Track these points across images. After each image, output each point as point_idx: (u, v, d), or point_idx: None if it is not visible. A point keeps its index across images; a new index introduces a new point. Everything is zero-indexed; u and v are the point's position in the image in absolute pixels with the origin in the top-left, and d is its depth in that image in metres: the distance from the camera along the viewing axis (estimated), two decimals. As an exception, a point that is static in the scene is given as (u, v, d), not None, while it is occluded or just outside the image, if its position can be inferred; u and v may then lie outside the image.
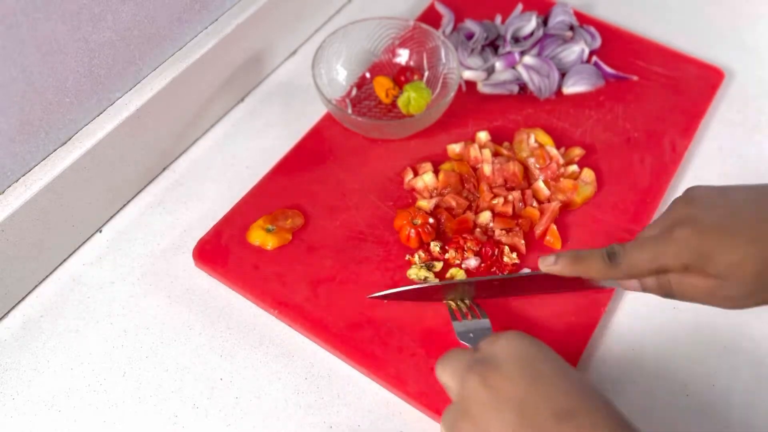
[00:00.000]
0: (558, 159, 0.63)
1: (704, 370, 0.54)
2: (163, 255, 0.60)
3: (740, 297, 0.44)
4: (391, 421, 0.52)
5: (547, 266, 0.49)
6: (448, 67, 0.67)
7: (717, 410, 0.52)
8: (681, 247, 0.44)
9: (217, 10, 0.65)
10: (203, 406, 0.52)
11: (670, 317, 0.56)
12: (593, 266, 0.47)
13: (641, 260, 0.45)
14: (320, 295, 0.56)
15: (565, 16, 0.73)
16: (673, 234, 0.44)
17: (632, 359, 0.54)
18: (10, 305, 0.57)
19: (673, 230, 0.44)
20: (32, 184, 0.54)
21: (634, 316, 0.56)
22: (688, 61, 0.72)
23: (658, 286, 0.46)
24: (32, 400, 0.52)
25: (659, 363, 0.54)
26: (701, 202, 0.45)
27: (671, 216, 0.46)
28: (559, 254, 0.49)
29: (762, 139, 0.68)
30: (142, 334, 0.56)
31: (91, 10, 0.53)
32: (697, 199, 0.46)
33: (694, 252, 0.43)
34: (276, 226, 0.59)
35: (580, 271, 0.48)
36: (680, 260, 0.44)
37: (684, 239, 0.44)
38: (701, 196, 0.46)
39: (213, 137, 0.68)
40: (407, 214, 0.58)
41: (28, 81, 0.51)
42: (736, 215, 0.44)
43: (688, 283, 0.45)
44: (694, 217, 0.44)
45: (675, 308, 0.56)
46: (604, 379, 0.53)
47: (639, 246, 0.46)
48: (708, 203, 0.45)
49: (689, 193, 0.47)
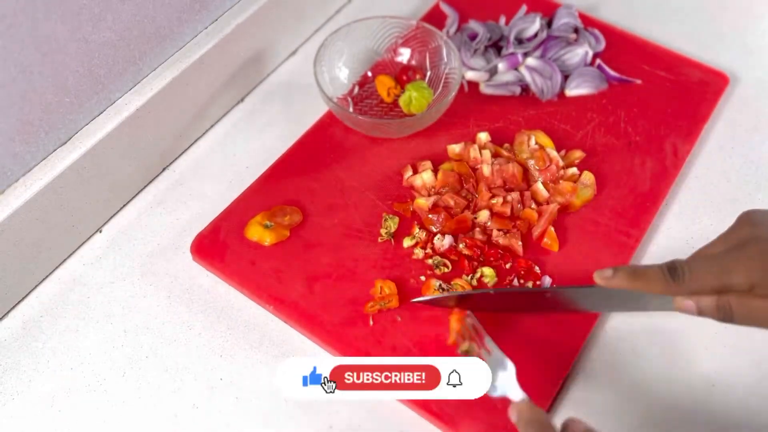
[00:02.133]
0: (558, 161, 0.63)
1: (704, 370, 0.54)
2: (163, 255, 0.60)
3: None
4: (391, 421, 0.52)
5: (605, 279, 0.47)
6: (450, 67, 0.67)
7: (717, 410, 0.52)
8: (751, 265, 0.43)
9: (217, 10, 0.65)
10: (203, 406, 0.52)
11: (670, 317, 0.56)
12: (653, 281, 0.46)
13: (706, 276, 0.44)
14: (316, 292, 0.56)
15: (569, 18, 0.73)
16: (742, 251, 0.44)
17: (632, 359, 0.54)
18: (10, 305, 0.57)
19: (741, 248, 0.44)
20: (32, 184, 0.54)
21: (633, 316, 0.56)
22: (693, 65, 0.72)
23: (717, 308, 0.45)
24: (32, 400, 0.52)
25: (659, 363, 0.54)
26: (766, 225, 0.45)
27: (735, 236, 0.45)
28: (617, 268, 0.47)
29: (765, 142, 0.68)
30: (142, 334, 0.56)
31: (91, 10, 0.52)
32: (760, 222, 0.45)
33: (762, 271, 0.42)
34: (274, 223, 0.59)
35: (639, 285, 0.46)
36: (749, 279, 0.43)
37: (754, 257, 0.43)
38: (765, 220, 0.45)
39: (213, 137, 0.68)
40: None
41: (28, 81, 0.51)
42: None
43: (751, 305, 0.44)
44: (761, 237, 0.44)
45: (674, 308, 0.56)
46: (602, 379, 0.54)
47: (704, 262, 0.45)
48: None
49: (751, 217, 0.46)
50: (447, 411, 0.51)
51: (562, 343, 0.54)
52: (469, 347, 0.50)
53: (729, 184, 0.65)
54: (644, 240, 0.60)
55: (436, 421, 0.51)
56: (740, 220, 0.46)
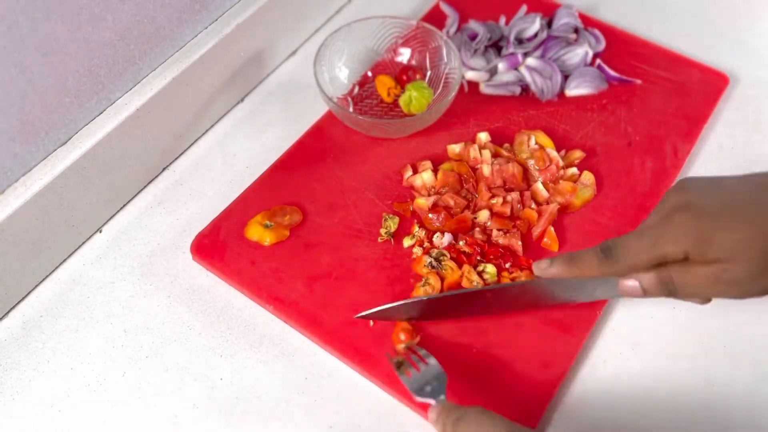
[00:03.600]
0: (558, 161, 0.63)
1: (704, 370, 0.54)
2: (163, 255, 0.60)
3: (746, 280, 0.42)
4: (391, 421, 0.52)
5: (542, 270, 0.48)
6: (450, 67, 0.67)
7: (717, 410, 0.52)
8: (680, 233, 0.43)
9: (217, 10, 0.65)
10: (203, 406, 0.52)
11: (670, 317, 0.56)
12: (588, 264, 0.46)
13: (639, 250, 0.44)
14: (316, 292, 0.56)
15: (569, 18, 0.73)
16: (670, 220, 0.43)
17: (632, 359, 0.54)
18: (10, 305, 0.57)
19: (670, 217, 0.43)
20: (32, 184, 0.54)
21: (632, 316, 0.56)
22: (693, 65, 0.72)
23: (659, 283, 0.45)
24: (32, 400, 0.52)
25: (659, 363, 0.54)
26: (696, 190, 0.44)
27: (665, 206, 0.45)
28: (554, 257, 0.48)
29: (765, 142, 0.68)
30: (142, 334, 0.56)
31: (91, 10, 0.52)
32: (691, 188, 0.45)
33: (694, 237, 0.42)
34: (274, 222, 0.59)
35: (576, 271, 0.47)
36: (680, 246, 0.42)
37: (682, 224, 0.43)
38: (695, 185, 0.45)
39: (213, 137, 0.68)
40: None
41: (28, 81, 0.51)
42: (732, 198, 0.43)
43: (690, 273, 0.43)
44: (690, 202, 0.43)
45: (674, 308, 0.56)
46: (603, 379, 0.54)
47: (635, 236, 0.45)
48: (702, 190, 0.44)
49: (682, 184, 0.46)
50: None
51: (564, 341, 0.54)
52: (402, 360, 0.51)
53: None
54: (644, 240, 0.60)
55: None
56: (672, 188, 0.46)
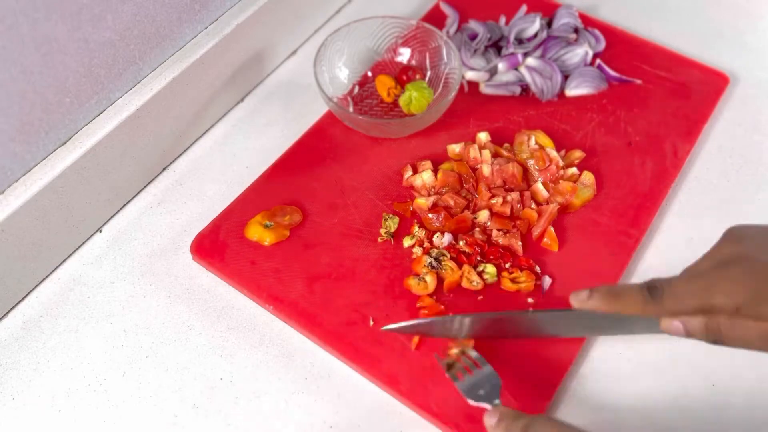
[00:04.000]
0: (558, 161, 0.63)
1: (704, 370, 0.54)
2: (164, 255, 0.60)
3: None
4: (391, 421, 0.52)
5: (580, 302, 0.45)
6: (450, 67, 0.67)
7: (717, 410, 0.52)
8: (734, 286, 0.41)
9: (217, 10, 0.65)
10: (203, 406, 0.52)
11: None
12: (632, 302, 0.44)
13: (687, 295, 0.42)
14: (316, 292, 0.56)
15: (569, 18, 0.73)
16: (725, 271, 0.42)
17: (632, 360, 0.54)
18: (10, 305, 0.57)
19: (725, 267, 0.42)
20: (32, 184, 0.54)
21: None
22: (693, 65, 0.72)
23: (706, 329, 0.43)
24: (32, 400, 0.52)
25: (659, 363, 0.54)
26: (752, 242, 0.43)
27: (720, 253, 0.43)
28: (593, 289, 0.45)
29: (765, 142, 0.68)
30: (142, 334, 0.56)
31: (91, 10, 0.52)
32: (747, 239, 0.43)
33: (749, 292, 0.41)
34: (274, 222, 0.60)
35: (617, 307, 0.44)
36: (733, 300, 0.41)
37: (737, 277, 0.41)
38: (751, 236, 0.44)
39: (213, 137, 0.68)
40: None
41: (28, 81, 0.51)
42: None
43: (740, 326, 0.42)
44: (746, 255, 0.42)
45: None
46: (603, 379, 0.54)
47: (685, 280, 0.43)
48: (759, 242, 0.43)
49: (736, 233, 0.44)
50: (447, 411, 0.51)
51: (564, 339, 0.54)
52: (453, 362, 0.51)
53: (729, 184, 0.64)
54: (644, 240, 0.60)
55: (436, 421, 0.51)
56: (725, 236, 0.44)
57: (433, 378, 0.52)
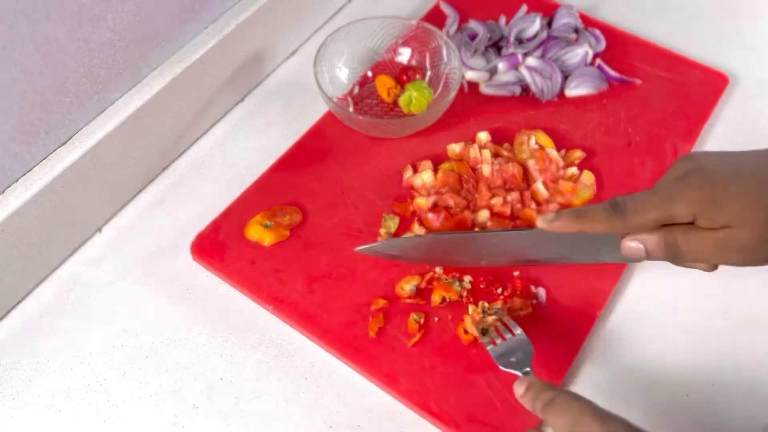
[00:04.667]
0: (558, 161, 0.63)
1: (704, 370, 0.54)
2: (163, 255, 0.60)
3: (751, 247, 0.43)
4: (391, 421, 0.52)
5: (547, 222, 0.48)
6: (450, 67, 0.67)
7: (717, 410, 0.52)
8: (692, 194, 0.43)
9: (217, 10, 0.65)
10: (203, 406, 0.52)
11: (670, 317, 0.56)
12: (596, 218, 0.46)
13: (648, 207, 0.45)
14: (316, 292, 0.56)
15: (569, 18, 0.73)
16: (683, 181, 0.44)
17: (632, 360, 0.54)
18: (10, 305, 0.57)
19: (683, 179, 0.44)
20: (32, 184, 0.54)
21: (633, 317, 0.56)
22: (693, 65, 0.72)
23: (664, 245, 0.45)
24: (32, 400, 0.52)
25: (659, 363, 0.54)
26: (705, 158, 0.46)
27: (676, 170, 0.46)
28: (560, 211, 0.48)
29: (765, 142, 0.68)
30: (142, 334, 0.56)
31: (91, 10, 0.52)
32: (701, 157, 0.46)
33: (706, 199, 0.43)
34: (274, 222, 0.60)
35: (582, 225, 0.47)
36: (691, 207, 0.43)
37: (695, 186, 0.44)
38: (704, 155, 0.46)
39: (213, 137, 0.68)
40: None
41: (28, 81, 0.51)
42: (742, 167, 0.44)
43: (696, 237, 0.44)
44: (701, 167, 0.44)
45: (675, 308, 0.56)
46: (604, 379, 0.54)
47: (646, 194, 0.45)
48: (713, 159, 0.46)
49: (691, 154, 0.47)
50: (447, 411, 0.51)
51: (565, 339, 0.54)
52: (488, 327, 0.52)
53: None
54: (644, 240, 0.60)
55: (436, 422, 0.51)
56: (678, 159, 0.47)
57: (433, 378, 0.52)
